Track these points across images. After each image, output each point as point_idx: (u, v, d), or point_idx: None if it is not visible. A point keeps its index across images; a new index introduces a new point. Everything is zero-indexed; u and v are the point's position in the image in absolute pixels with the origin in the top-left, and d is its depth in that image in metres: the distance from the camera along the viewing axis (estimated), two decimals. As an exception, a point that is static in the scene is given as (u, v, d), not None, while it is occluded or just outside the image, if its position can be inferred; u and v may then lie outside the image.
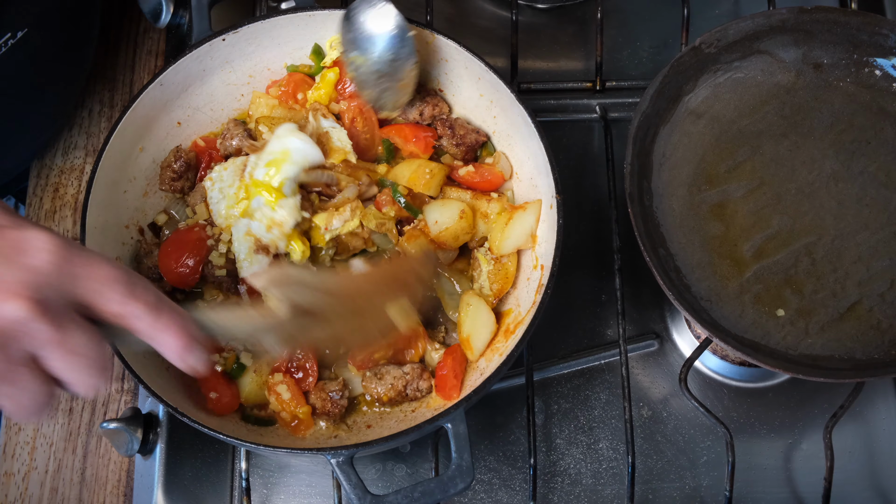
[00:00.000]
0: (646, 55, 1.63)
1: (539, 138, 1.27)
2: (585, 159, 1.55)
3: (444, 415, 1.14)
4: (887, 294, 1.29)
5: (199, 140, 1.40)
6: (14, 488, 1.39)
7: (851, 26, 1.38)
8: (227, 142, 1.36)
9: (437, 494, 1.12)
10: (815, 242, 1.32)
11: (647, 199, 1.34)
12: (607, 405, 1.41)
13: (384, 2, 1.28)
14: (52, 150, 1.58)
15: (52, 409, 0.90)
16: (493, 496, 1.37)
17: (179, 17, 1.56)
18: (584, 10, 1.66)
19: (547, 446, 1.39)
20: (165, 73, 1.32)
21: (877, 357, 1.26)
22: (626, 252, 1.40)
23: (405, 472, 1.37)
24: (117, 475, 1.41)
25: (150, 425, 1.36)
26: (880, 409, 1.41)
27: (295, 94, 1.39)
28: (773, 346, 1.27)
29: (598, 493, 1.37)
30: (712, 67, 1.40)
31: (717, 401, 1.41)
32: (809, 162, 1.37)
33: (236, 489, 1.36)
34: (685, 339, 1.44)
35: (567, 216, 1.23)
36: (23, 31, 1.28)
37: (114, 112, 1.61)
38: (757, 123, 1.39)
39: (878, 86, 1.40)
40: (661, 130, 1.38)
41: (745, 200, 1.35)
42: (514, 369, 1.38)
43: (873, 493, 1.37)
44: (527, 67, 1.60)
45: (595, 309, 1.46)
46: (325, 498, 1.36)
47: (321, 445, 1.25)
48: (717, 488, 1.36)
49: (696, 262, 1.32)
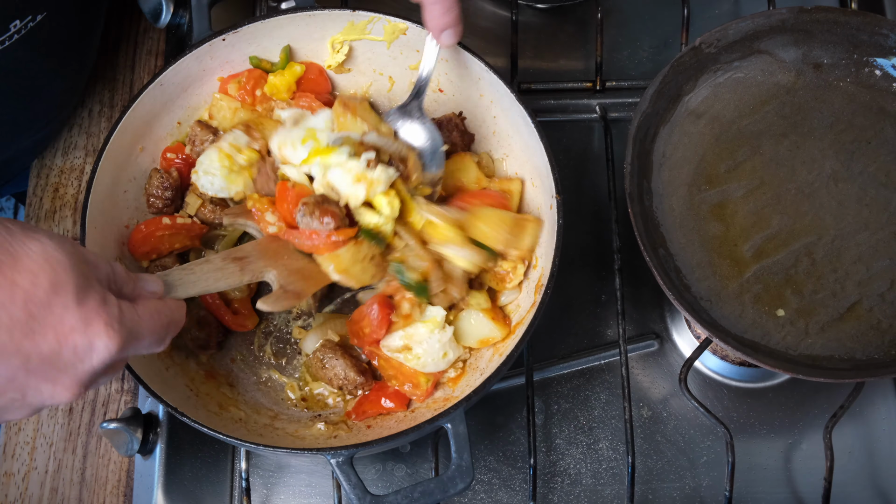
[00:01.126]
0: (646, 55, 1.63)
1: (539, 138, 1.27)
2: (585, 159, 1.55)
3: (444, 415, 1.14)
4: (887, 294, 1.29)
5: (167, 154, 1.38)
6: (14, 488, 1.39)
7: (851, 26, 1.38)
8: (196, 147, 1.35)
9: (437, 494, 1.12)
10: (815, 242, 1.32)
11: (647, 199, 1.34)
12: (607, 405, 1.41)
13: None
14: (52, 150, 1.59)
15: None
16: (493, 496, 1.37)
17: (179, 17, 1.56)
18: (584, 10, 1.66)
19: (547, 446, 1.39)
20: (165, 73, 1.32)
21: (877, 357, 1.26)
22: (626, 252, 1.40)
23: (405, 472, 1.37)
24: (117, 475, 1.41)
25: (150, 425, 1.36)
26: (880, 409, 1.41)
27: (254, 90, 1.38)
28: (773, 346, 1.27)
29: (598, 493, 1.37)
30: (712, 67, 1.40)
31: (717, 401, 1.41)
32: (809, 162, 1.37)
33: (236, 489, 1.36)
34: (685, 339, 1.44)
35: (567, 216, 1.23)
36: (42, 14, 1.29)
37: (114, 112, 1.61)
38: (757, 123, 1.39)
39: (878, 86, 1.40)
40: (661, 130, 1.38)
41: (745, 200, 1.35)
42: (514, 369, 1.38)
43: (873, 493, 1.37)
44: (527, 67, 1.60)
45: (595, 309, 1.46)
46: (325, 498, 1.36)
47: (321, 445, 1.25)
48: (717, 488, 1.36)
49: (696, 262, 1.32)
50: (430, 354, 1.27)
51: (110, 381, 1.44)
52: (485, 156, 1.41)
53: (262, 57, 1.39)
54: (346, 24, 1.37)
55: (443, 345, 1.27)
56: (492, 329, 1.29)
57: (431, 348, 1.27)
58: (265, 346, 1.38)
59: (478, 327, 1.30)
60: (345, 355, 1.31)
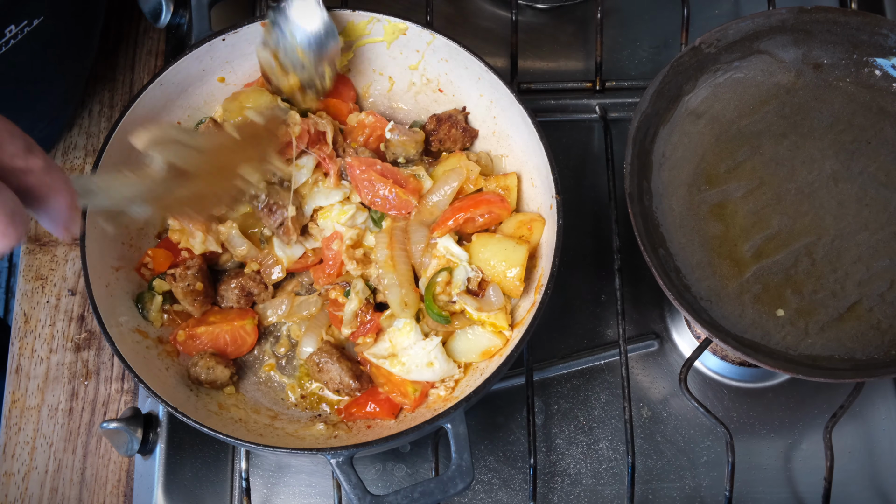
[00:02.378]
0: (646, 55, 1.63)
1: (539, 138, 1.27)
2: (585, 159, 1.55)
3: (444, 415, 1.14)
4: (887, 294, 1.29)
5: (174, 242, 1.37)
6: (14, 488, 1.39)
7: (851, 26, 1.38)
8: None
9: (437, 494, 1.12)
10: (815, 242, 1.32)
11: (647, 199, 1.34)
12: (607, 405, 1.41)
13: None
14: (52, 150, 1.58)
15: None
16: (493, 496, 1.37)
17: (179, 17, 1.56)
18: (584, 10, 1.66)
19: (547, 446, 1.39)
20: (165, 73, 1.32)
21: (877, 357, 1.26)
22: (626, 252, 1.40)
23: (405, 472, 1.37)
24: (117, 475, 1.41)
25: (150, 425, 1.36)
26: (880, 409, 1.41)
27: None
28: (773, 346, 1.27)
29: (598, 493, 1.37)
30: (712, 67, 1.40)
31: (717, 401, 1.41)
32: (809, 162, 1.37)
33: (236, 489, 1.36)
34: (685, 339, 1.44)
35: (567, 216, 1.23)
36: (39, 18, 1.29)
37: (114, 112, 1.61)
38: (757, 123, 1.39)
39: (878, 86, 1.40)
40: (660, 130, 1.38)
41: (745, 200, 1.35)
42: (514, 369, 1.38)
43: (873, 493, 1.37)
44: (527, 67, 1.60)
45: (595, 309, 1.46)
46: (325, 498, 1.36)
47: (321, 445, 1.25)
48: (717, 488, 1.36)
49: (696, 262, 1.32)
50: (414, 361, 1.27)
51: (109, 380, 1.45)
52: (483, 155, 1.41)
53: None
54: (345, 24, 1.37)
55: (427, 353, 1.27)
56: (491, 339, 1.29)
57: (416, 356, 1.27)
58: (265, 346, 1.38)
59: (476, 341, 1.30)
60: (341, 359, 1.31)
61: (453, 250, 1.30)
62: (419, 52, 1.39)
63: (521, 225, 1.33)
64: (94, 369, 1.45)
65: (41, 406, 1.44)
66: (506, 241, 1.30)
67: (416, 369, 1.27)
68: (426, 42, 1.36)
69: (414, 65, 1.41)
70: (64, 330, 1.47)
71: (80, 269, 1.45)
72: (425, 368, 1.27)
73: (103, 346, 1.46)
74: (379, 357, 1.29)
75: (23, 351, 1.46)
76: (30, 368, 1.45)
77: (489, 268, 1.30)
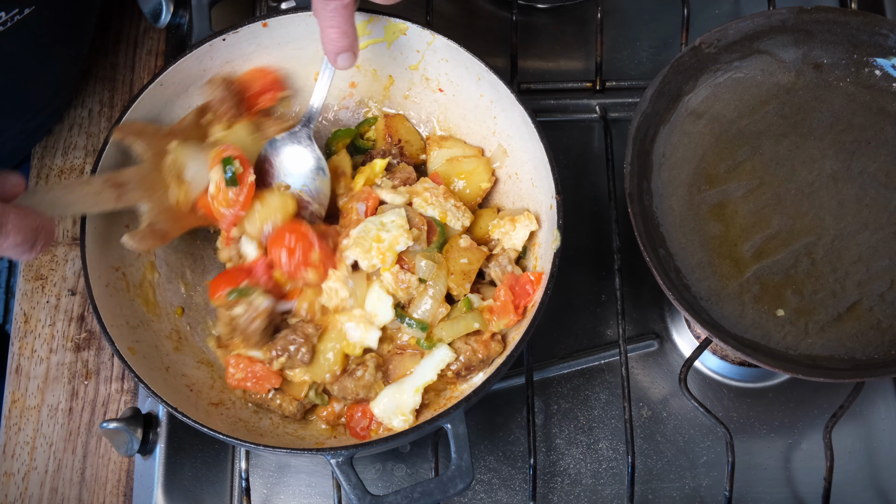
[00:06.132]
0: (646, 55, 1.63)
1: (539, 138, 1.27)
2: (585, 159, 1.55)
3: (444, 415, 1.14)
4: (887, 294, 1.29)
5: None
6: (14, 488, 1.39)
7: (851, 26, 1.38)
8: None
9: (437, 495, 1.12)
10: (815, 242, 1.32)
11: (647, 199, 1.34)
12: (607, 405, 1.41)
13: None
14: (52, 150, 1.59)
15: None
16: (493, 496, 1.37)
17: (179, 17, 1.56)
18: (584, 10, 1.66)
19: (547, 446, 1.39)
20: (165, 73, 1.32)
21: (877, 357, 1.26)
22: (626, 252, 1.40)
23: (405, 472, 1.37)
24: (117, 475, 1.41)
25: (150, 425, 1.36)
26: (880, 409, 1.41)
27: None
28: (772, 346, 1.27)
29: (598, 493, 1.37)
30: (712, 67, 1.40)
31: (716, 401, 1.41)
32: (809, 162, 1.37)
33: (236, 489, 1.36)
34: (685, 339, 1.44)
35: (567, 216, 1.23)
36: (30, 7, 1.29)
37: (114, 112, 1.61)
38: (757, 123, 1.39)
39: (878, 86, 1.40)
40: (660, 130, 1.38)
41: (745, 200, 1.35)
42: (514, 369, 1.38)
43: (873, 493, 1.37)
44: (527, 67, 1.60)
45: (595, 309, 1.46)
46: (325, 498, 1.36)
47: (321, 445, 1.25)
48: (717, 488, 1.36)
49: (696, 262, 1.32)
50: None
51: (109, 380, 1.45)
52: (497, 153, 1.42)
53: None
54: (346, 24, 1.37)
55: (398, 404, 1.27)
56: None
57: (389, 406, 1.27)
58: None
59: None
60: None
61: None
62: (419, 52, 1.39)
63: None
64: (94, 369, 1.46)
65: (41, 406, 1.44)
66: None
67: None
68: (426, 42, 1.36)
69: (414, 65, 1.41)
70: (64, 330, 1.47)
71: (80, 269, 1.45)
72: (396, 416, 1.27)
73: (103, 346, 1.47)
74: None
75: (23, 351, 1.46)
76: (30, 368, 1.45)
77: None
